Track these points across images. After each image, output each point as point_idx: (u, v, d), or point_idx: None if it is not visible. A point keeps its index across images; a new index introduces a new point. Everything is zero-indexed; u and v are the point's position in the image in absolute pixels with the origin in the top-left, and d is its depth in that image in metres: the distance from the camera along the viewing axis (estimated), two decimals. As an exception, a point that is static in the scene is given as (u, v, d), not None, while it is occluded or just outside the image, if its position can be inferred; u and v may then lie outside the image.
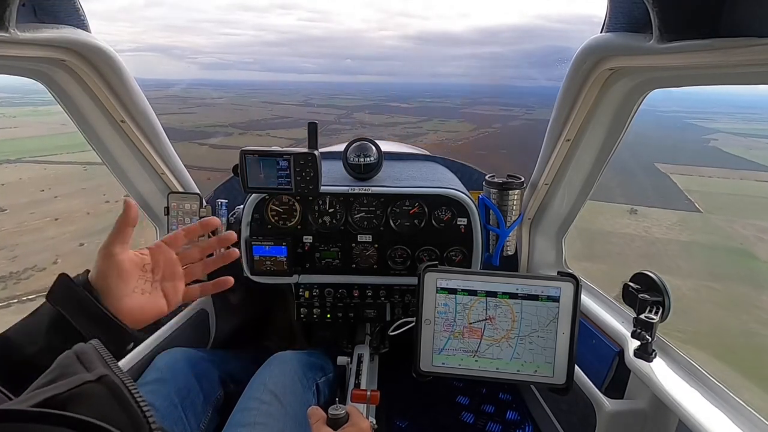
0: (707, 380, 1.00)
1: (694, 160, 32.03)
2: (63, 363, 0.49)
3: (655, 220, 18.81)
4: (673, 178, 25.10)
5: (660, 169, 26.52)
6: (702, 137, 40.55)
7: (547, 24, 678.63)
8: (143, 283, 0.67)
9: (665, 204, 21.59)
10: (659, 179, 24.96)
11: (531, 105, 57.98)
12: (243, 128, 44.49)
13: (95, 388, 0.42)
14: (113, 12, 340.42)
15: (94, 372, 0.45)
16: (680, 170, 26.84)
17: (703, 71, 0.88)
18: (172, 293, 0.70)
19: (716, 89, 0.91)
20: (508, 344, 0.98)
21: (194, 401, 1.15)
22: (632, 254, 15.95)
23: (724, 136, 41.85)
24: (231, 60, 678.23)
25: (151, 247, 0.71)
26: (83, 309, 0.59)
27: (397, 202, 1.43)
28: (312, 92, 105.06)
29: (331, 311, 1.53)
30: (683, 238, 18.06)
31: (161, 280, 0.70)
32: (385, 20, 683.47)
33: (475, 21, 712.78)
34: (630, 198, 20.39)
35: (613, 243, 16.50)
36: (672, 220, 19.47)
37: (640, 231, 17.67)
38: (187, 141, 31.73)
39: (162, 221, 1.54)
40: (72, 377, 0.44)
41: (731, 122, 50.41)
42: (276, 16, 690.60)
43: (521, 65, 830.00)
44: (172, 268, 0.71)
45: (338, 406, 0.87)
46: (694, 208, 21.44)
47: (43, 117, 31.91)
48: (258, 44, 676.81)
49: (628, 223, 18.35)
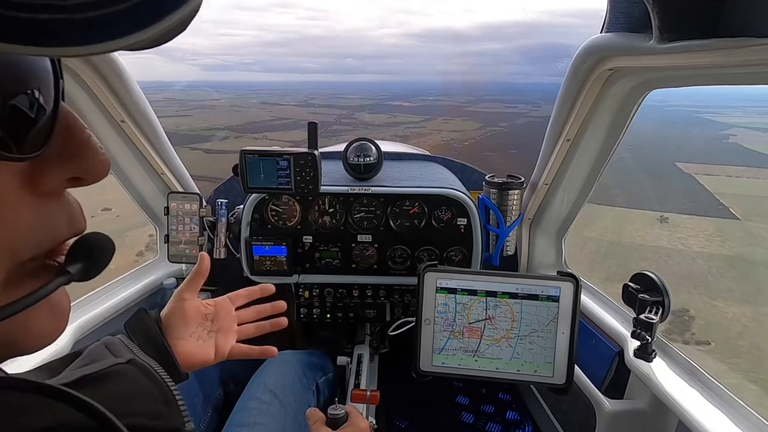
0: (707, 380, 1.00)
1: (716, 158, 30.03)
2: (93, 351, 0.54)
3: (689, 229, 16.72)
4: (699, 179, 22.70)
5: (683, 169, 24.28)
6: (718, 133, 38.49)
7: (553, 19, 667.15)
8: (201, 331, 0.72)
9: (697, 210, 19.16)
10: (684, 181, 22.75)
11: (536, 101, 57.06)
12: (240, 131, 43.83)
13: (126, 368, 0.45)
14: None
15: (123, 357, 0.48)
16: (704, 170, 24.31)
17: (703, 71, 0.88)
18: (222, 345, 0.73)
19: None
20: (508, 344, 0.98)
21: (194, 401, 1.16)
22: (671, 273, 13.99)
23: (741, 131, 39.41)
24: (232, 61, 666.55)
25: (218, 298, 0.77)
26: (148, 336, 0.64)
27: (397, 202, 1.43)
28: (313, 92, 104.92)
29: (331, 311, 1.53)
30: (725, 252, 15.91)
31: (217, 331, 0.74)
32: (387, 18, 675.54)
33: (480, 17, 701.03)
34: (657, 203, 18.11)
35: (647, 259, 14.62)
36: (708, 229, 17.16)
37: (676, 243, 15.76)
38: (179, 145, 30.70)
39: (162, 221, 1.54)
40: (103, 360, 0.47)
41: (745, 116, 48.11)
42: (275, 15, 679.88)
43: (525, 61, 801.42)
44: (229, 322, 0.76)
45: (337, 406, 0.88)
46: (730, 214, 19.00)
47: None
48: (258, 45, 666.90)
49: (660, 233, 16.44)
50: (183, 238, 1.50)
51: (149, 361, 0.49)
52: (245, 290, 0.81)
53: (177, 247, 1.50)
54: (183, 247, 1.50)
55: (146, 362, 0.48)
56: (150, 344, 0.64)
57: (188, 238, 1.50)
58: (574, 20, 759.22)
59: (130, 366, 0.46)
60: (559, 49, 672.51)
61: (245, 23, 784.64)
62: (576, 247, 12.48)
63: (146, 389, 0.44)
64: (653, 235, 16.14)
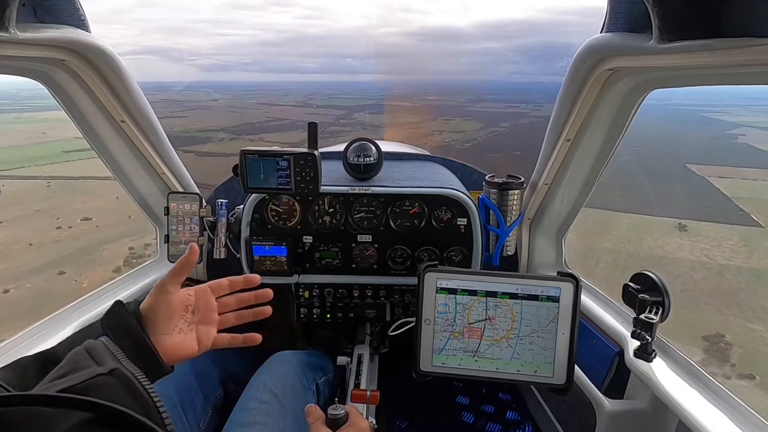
0: (707, 380, 1.00)
1: (727, 159, 26.67)
2: (74, 358, 0.51)
3: (711, 239, 14.98)
4: (713, 181, 20.80)
5: (694, 170, 22.45)
6: (725, 132, 37.04)
7: (553, 17, 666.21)
8: (182, 323, 0.70)
9: (716, 216, 17.38)
10: (697, 184, 21.02)
11: (537, 101, 56.32)
12: (236, 132, 43.15)
13: (108, 380, 0.44)
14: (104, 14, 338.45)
15: (105, 366, 0.47)
16: (717, 172, 22.40)
17: (703, 71, 0.88)
18: (204, 337, 0.72)
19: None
20: (508, 344, 0.97)
21: (194, 401, 1.15)
22: (698, 290, 12.23)
23: (749, 130, 37.88)
24: (230, 61, 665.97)
25: (197, 288, 0.74)
26: (130, 337, 0.62)
27: (397, 202, 1.43)
28: (312, 92, 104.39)
29: (331, 311, 1.53)
30: (754, 264, 14.07)
31: (198, 322, 0.72)
32: (386, 16, 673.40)
33: (480, 15, 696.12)
34: (672, 209, 16.87)
35: (670, 273, 12.61)
36: (731, 238, 15.33)
37: (699, 255, 13.93)
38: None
39: (162, 221, 1.54)
40: (85, 370, 0.46)
41: (751, 115, 46.64)
42: (272, 14, 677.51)
43: (525, 60, 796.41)
44: (210, 313, 0.74)
45: (337, 406, 0.87)
46: (752, 221, 17.05)
47: (24, 125, 29.20)
48: (256, 45, 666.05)
49: (681, 243, 14.75)
50: (183, 238, 1.49)
51: (132, 369, 0.47)
52: (227, 279, 0.78)
53: (177, 247, 1.50)
54: (183, 247, 1.50)
55: (129, 372, 0.46)
56: (133, 346, 0.61)
57: (188, 238, 1.49)
58: (573, 18, 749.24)
59: (112, 378, 0.44)
60: (559, 47, 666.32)
61: (242, 22, 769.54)
62: (592, 260, 11.56)
63: (126, 404, 0.42)
64: (673, 246, 14.77)
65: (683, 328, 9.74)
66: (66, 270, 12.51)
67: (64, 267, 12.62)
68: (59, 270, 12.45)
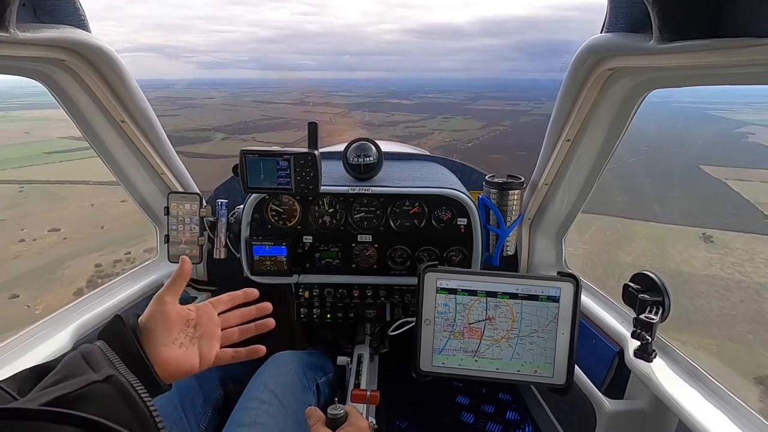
0: (707, 380, 1.00)
1: (741, 160, 25.52)
2: (69, 364, 0.50)
3: (741, 252, 13.53)
4: (731, 185, 19.34)
5: (710, 173, 20.95)
6: (734, 131, 35.43)
7: (553, 14, 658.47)
8: (183, 337, 0.69)
9: (741, 225, 15.85)
10: (715, 187, 19.58)
11: (538, 98, 55.26)
12: (228, 131, 42.13)
13: (103, 388, 0.43)
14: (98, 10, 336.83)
15: (101, 372, 0.45)
16: (734, 174, 20.70)
17: (703, 71, 0.88)
18: (206, 352, 0.71)
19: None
20: (508, 344, 0.97)
21: (194, 401, 1.15)
22: (737, 314, 10.84)
23: (758, 129, 36.06)
24: (227, 58, 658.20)
25: (198, 305, 0.75)
26: (127, 351, 0.60)
27: (397, 202, 1.43)
28: (309, 90, 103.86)
29: (331, 311, 1.53)
30: None
31: (200, 337, 0.72)
32: (385, 13, 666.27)
33: (480, 11, 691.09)
34: (694, 217, 15.42)
35: (701, 294, 11.29)
36: (763, 251, 13.78)
37: (731, 271, 12.42)
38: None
39: (162, 221, 1.54)
40: (80, 377, 0.45)
41: (756, 113, 44.81)
42: (269, 9, 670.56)
43: (525, 57, 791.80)
44: (212, 328, 0.74)
45: (337, 406, 0.87)
46: None
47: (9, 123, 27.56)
48: (253, 41, 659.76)
49: (708, 257, 13.32)
50: (183, 238, 1.49)
51: (129, 376, 0.46)
52: (227, 295, 0.79)
53: (177, 247, 1.50)
54: (183, 247, 1.50)
55: (125, 379, 0.45)
56: (129, 359, 0.59)
57: (188, 238, 1.49)
58: (574, 14, 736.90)
59: (107, 386, 0.43)
60: (559, 44, 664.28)
61: (239, 19, 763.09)
62: (613, 278, 10.20)
63: (122, 416, 0.42)
64: (701, 260, 13.19)
65: (731, 364, 8.51)
66: (20, 292, 11.39)
67: (19, 289, 11.52)
68: (11, 293, 11.38)
